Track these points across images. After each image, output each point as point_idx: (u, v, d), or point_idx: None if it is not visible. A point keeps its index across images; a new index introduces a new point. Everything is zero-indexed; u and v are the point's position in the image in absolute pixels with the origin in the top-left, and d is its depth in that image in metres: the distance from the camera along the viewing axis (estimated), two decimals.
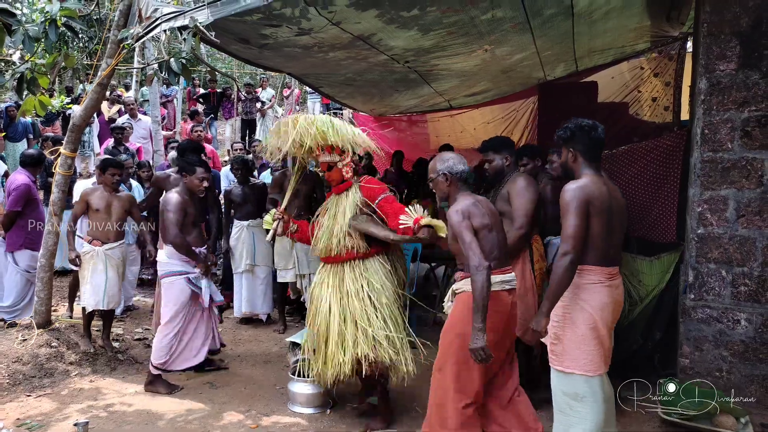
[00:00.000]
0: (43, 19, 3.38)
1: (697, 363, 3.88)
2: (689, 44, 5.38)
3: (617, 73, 6.11)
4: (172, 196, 4.25)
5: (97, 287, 4.75)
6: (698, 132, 3.84)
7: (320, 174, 5.01)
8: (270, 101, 13.10)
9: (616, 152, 4.61)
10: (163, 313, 4.34)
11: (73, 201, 5.04)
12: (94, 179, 5.39)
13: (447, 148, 7.17)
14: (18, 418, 3.80)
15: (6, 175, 6.99)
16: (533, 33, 4.53)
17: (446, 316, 3.21)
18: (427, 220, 3.40)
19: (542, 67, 5.81)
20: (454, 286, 3.18)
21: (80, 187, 5.30)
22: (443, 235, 3.39)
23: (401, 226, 3.45)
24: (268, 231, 4.01)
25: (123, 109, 10.48)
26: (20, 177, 5.49)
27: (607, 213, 2.82)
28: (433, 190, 3.28)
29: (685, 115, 5.29)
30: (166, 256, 4.32)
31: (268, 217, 4.02)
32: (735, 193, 3.77)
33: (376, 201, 3.65)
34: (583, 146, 2.91)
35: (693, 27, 4.54)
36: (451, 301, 3.20)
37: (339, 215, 3.70)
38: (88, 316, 4.89)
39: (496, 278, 2.98)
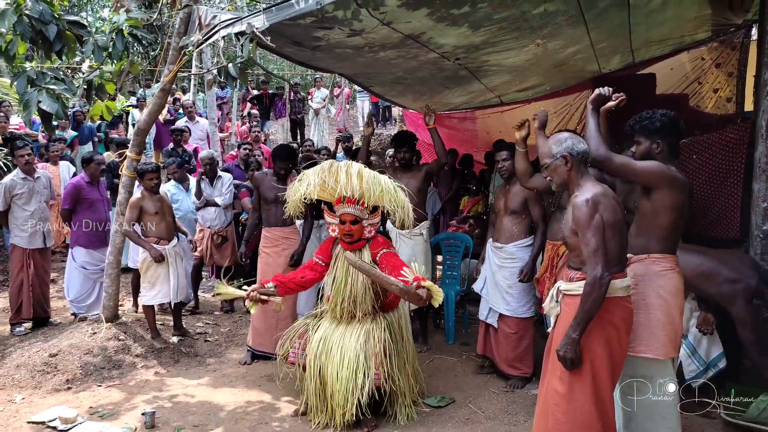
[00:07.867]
0: (111, 29, 3.57)
1: (762, 365, 3.72)
2: (754, 32, 5.16)
3: (677, 64, 5.90)
4: None
5: (171, 282, 5.05)
6: (764, 124, 3.70)
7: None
8: (324, 101, 13.29)
9: None
10: None
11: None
12: None
13: (500, 143, 7.06)
14: (91, 407, 4.04)
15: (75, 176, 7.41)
16: (587, 25, 4.44)
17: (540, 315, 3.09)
18: (428, 283, 3.40)
19: (596, 59, 5.67)
20: (564, 286, 2.77)
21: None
22: (437, 303, 3.39)
23: (401, 278, 3.46)
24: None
25: (170, 109, 10.86)
26: (74, 178, 5.94)
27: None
28: (548, 178, 2.82)
29: (749, 107, 5.08)
30: None
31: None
32: None
33: (378, 255, 3.73)
34: (671, 139, 2.92)
35: (759, 14, 4.34)
36: (557, 302, 2.82)
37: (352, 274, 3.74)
38: (153, 314, 5.14)
39: (622, 283, 2.66)
